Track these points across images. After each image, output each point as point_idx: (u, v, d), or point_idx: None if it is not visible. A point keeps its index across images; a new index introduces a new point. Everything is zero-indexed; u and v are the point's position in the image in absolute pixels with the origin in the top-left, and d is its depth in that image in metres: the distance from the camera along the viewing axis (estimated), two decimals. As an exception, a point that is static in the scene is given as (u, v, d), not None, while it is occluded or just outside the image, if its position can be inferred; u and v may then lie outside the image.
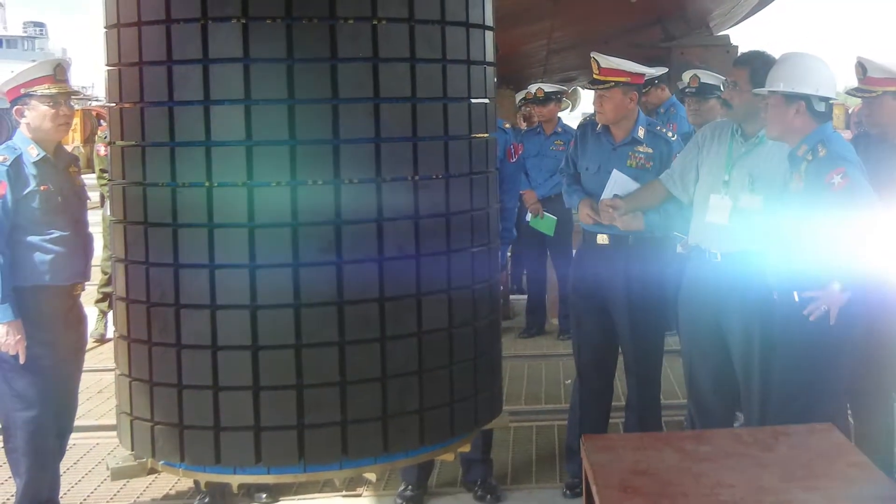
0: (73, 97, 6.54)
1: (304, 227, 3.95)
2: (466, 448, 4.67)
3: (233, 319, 4.00)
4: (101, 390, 9.56)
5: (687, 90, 8.77)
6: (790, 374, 5.68)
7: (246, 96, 3.90)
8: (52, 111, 6.21)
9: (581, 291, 6.91)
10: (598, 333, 6.87)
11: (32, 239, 6.16)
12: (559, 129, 11.83)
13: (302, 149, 3.93)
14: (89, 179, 8.58)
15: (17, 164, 6.15)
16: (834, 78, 5.80)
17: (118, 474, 4.40)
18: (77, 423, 6.93)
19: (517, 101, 13.76)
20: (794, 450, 4.58)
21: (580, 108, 28.12)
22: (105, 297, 11.41)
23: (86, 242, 6.52)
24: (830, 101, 5.75)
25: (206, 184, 3.96)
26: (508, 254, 11.47)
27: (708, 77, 8.68)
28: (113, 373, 4.56)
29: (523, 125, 12.93)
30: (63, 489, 6.77)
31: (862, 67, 6.35)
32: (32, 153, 6.21)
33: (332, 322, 4.01)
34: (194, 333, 4.05)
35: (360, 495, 7.03)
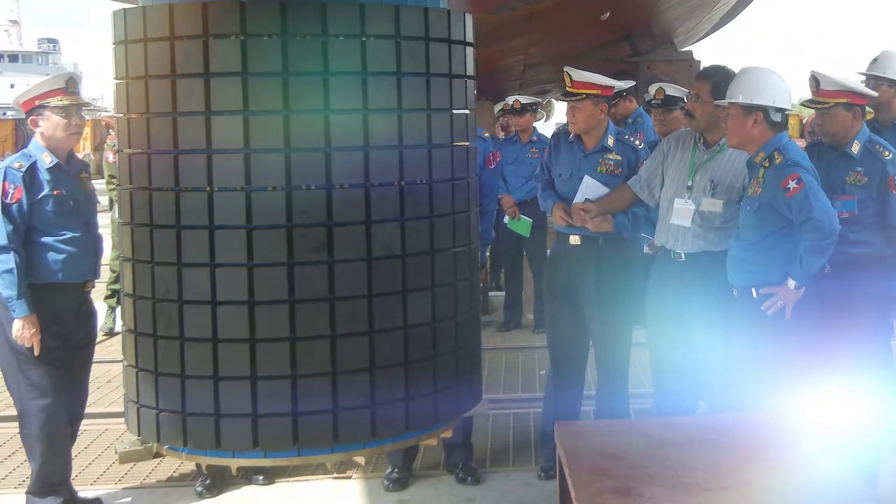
0: (83, 108, 6.53)
1: (298, 229, 3.95)
2: (448, 434, 4.66)
3: (232, 314, 3.98)
4: (109, 380, 9.54)
5: (653, 102, 8.76)
6: (749, 365, 5.69)
7: (244, 107, 3.89)
8: (65, 121, 6.20)
9: (555, 288, 6.91)
10: (570, 327, 6.86)
11: (46, 240, 6.16)
12: (534, 138, 11.83)
13: (296, 156, 3.92)
14: (99, 185, 8.56)
15: (32, 170, 6.15)
16: (789, 90, 5.81)
17: (126, 458, 4.39)
18: (87, 410, 6.92)
19: (496, 112, 13.73)
20: (752, 436, 4.59)
21: (554, 118, 28.15)
22: (114, 294, 11.38)
23: (96, 243, 6.51)
24: (786, 112, 5.76)
25: (208, 189, 3.95)
26: (487, 253, 11.47)
27: (672, 90, 8.67)
28: (121, 364, 4.54)
29: (501, 134, 12.90)
30: (75, 471, 6.77)
31: (815, 81, 6.36)
32: (46, 160, 6.21)
33: (324, 317, 4.00)
34: (196, 327, 4.03)
35: (349, 477, 7.02)
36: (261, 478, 6.94)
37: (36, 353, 6.13)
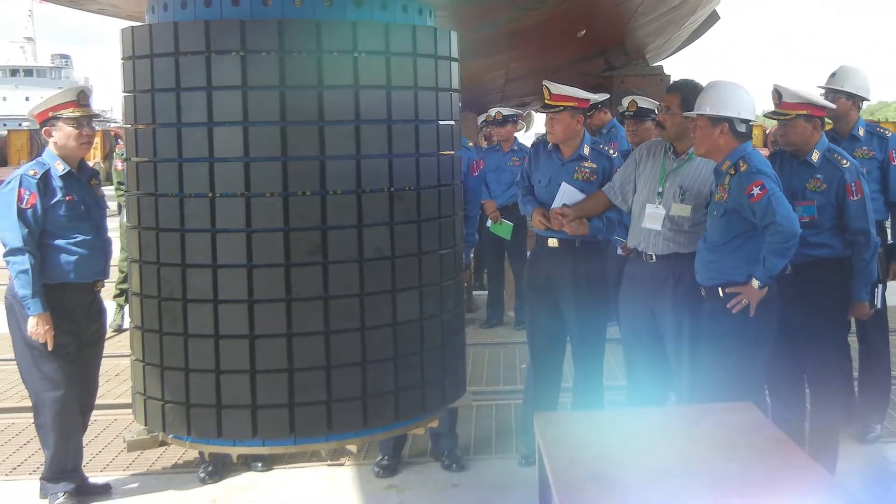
0: (94, 119, 6.53)
1: (294, 232, 3.94)
2: (435, 423, 4.66)
3: (233, 312, 3.98)
4: (118, 373, 9.51)
5: (626, 113, 8.76)
6: (716, 360, 5.69)
7: (244, 119, 3.89)
8: (76, 132, 6.20)
9: (534, 288, 6.91)
10: (549, 324, 6.86)
11: (59, 242, 6.16)
12: (515, 147, 11.84)
13: (292, 164, 3.92)
14: (108, 191, 8.55)
15: (45, 177, 6.15)
16: (753, 102, 5.81)
17: (133, 446, 4.39)
18: (98, 401, 6.91)
19: (479, 123, 13.71)
20: (718, 426, 4.58)
21: (534, 128, 28.12)
22: (122, 293, 11.36)
23: (105, 245, 6.50)
24: (750, 123, 5.76)
25: (210, 195, 3.95)
26: (471, 255, 11.46)
27: (644, 102, 8.67)
28: (129, 358, 4.54)
29: (484, 144, 12.89)
30: (86, 459, 6.75)
31: (778, 94, 6.37)
32: (59, 168, 6.21)
33: (318, 314, 4.00)
34: (199, 324, 4.03)
35: (342, 464, 7.02)
36: (259, 465, 6.94)
37: (49, 348, 6.13)
